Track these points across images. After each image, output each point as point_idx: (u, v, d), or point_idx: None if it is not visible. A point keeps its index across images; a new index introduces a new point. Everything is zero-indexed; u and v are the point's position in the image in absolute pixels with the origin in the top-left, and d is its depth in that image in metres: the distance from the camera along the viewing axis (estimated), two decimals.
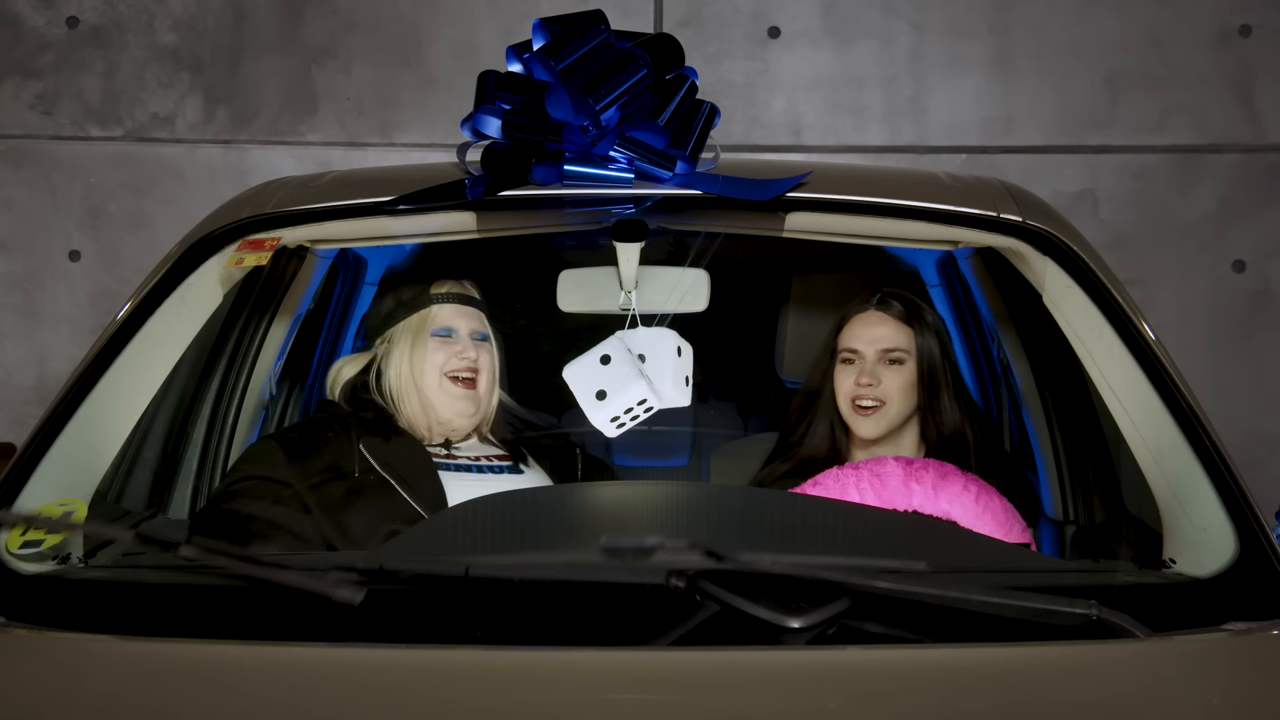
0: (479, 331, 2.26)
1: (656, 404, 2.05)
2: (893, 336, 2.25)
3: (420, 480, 2.06)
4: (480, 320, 2.27)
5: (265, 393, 2.58)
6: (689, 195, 2.12)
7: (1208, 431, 1.75)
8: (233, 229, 2.14)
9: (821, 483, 2.07)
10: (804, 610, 1.38)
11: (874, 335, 2.26)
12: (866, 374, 2.24)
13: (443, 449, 2.19)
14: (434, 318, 2.23)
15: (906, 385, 2.24)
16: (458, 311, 2.24)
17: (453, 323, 2.23)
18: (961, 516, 1.98)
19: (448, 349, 2.21)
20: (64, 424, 1.83)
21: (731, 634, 1.40)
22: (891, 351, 2.24)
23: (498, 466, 2.19)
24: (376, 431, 2.14)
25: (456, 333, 2.23)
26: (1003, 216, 2.12)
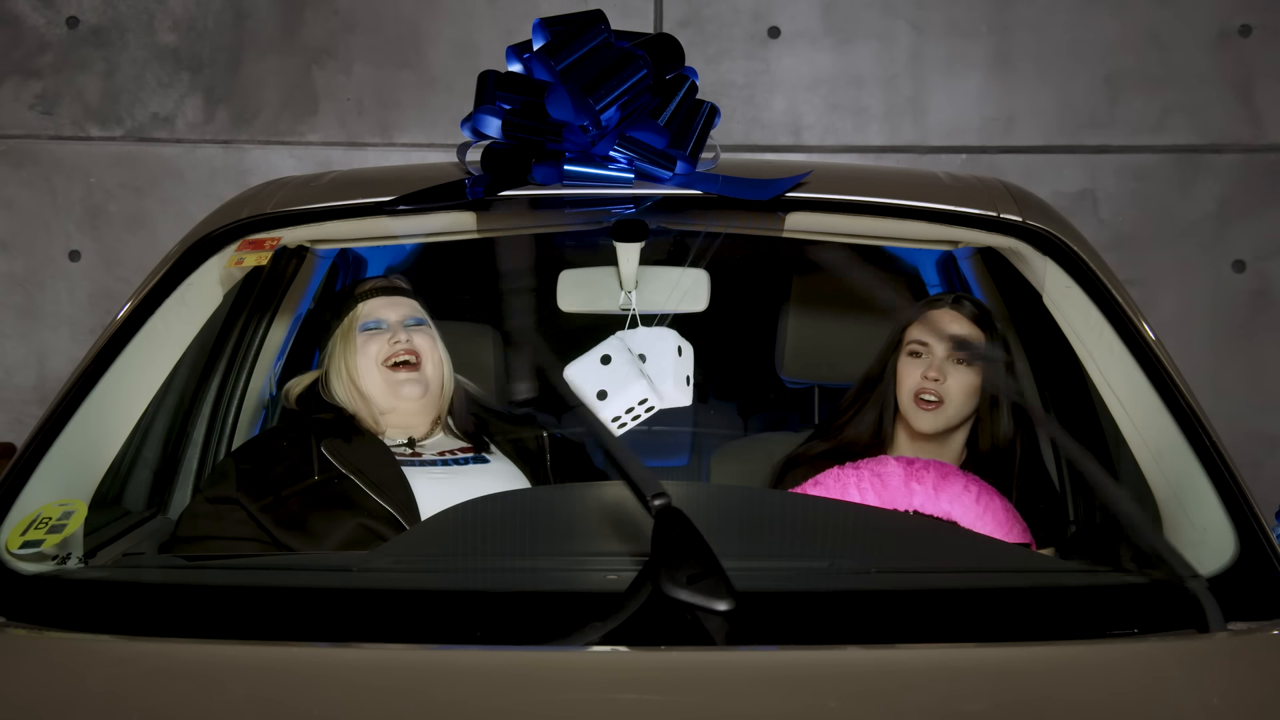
0: (411, 317, 2.24)
1: (657, 404, 2.05)
2: (966, 334, 2.24)
3: (386, 479, 2.04)
4: (412, 307, 2.26)
5: (265, 393, 2.58)
6: (689, 195, 2.12)
7: (1208, 431, 1.75)
8: (233, 229, 2.14)
9: (822, 482, 2.07)
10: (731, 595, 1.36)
11: (949, 330, 2.24)
12: (934, 368, 2.22)
13: (407, 448, 2.18)
14: (360, 314, 2.22)
15: (971, 387, 2.23)
16: (384, 303, 2.24)
17: (380, 314, 2.22)
18: (962, 517, 1.98)
19: (379, 339, 2.20)
20: (64, 424, 1.83)
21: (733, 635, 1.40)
22: (963, 350, 2.22)
23: (462, 459, 2.18)
24: (338, 434, 2.12)
25: (385, 322, 2.22)
26: (1003, 216, 2.12)
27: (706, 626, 1.38)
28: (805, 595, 1.53)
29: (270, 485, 2.02)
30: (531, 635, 1.45)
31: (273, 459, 2.07)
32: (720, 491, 2.12)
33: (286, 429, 2.18)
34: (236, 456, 2.12)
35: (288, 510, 1.98)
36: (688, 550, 1.37)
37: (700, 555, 1.36)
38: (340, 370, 2.21)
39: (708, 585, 1.34)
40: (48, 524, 1.69)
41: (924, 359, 2.24)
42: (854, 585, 1.55)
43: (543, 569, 1.59)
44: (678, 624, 1.40)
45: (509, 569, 1.59)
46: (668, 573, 1.35)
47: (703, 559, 1.36)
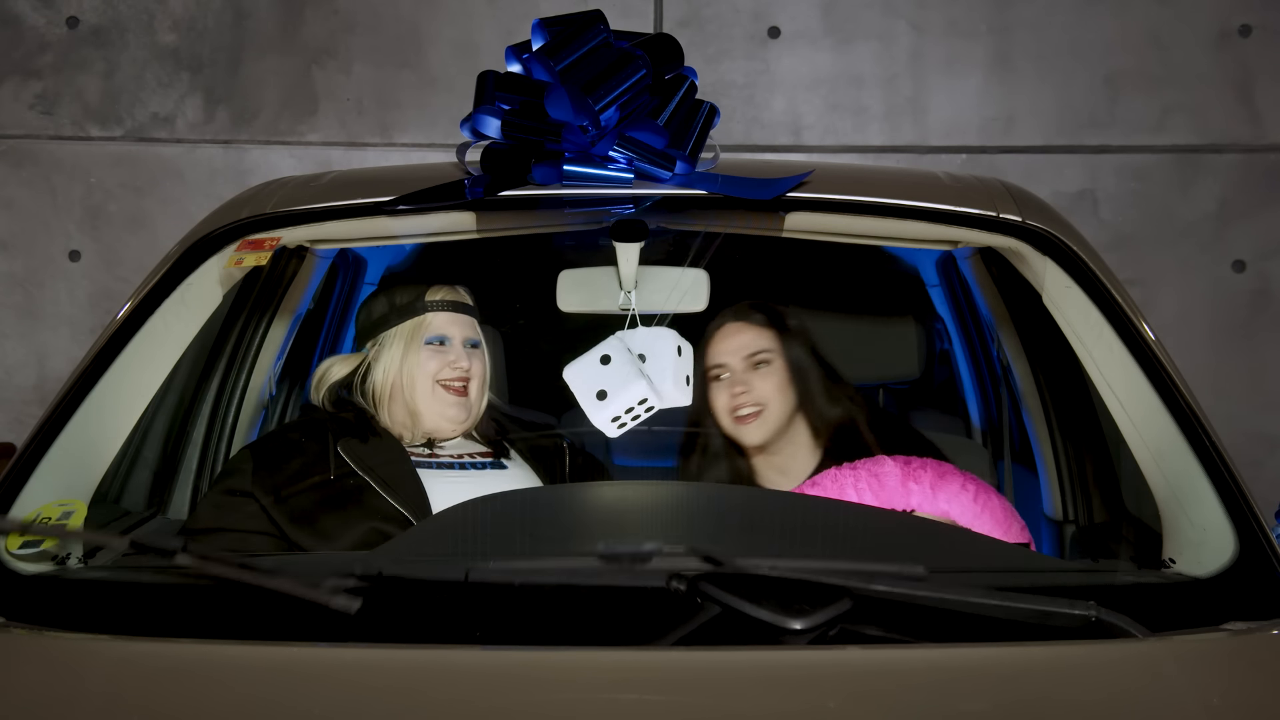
0: (472, 339, 2.25)
1: (657, 403, 2.05)
2: (755, 341, 2.26)
3: (401, 480, 2.04)
4: (473, 328, 2.26)
5: (265, 393, 2.58)
6: (689, 195, 2.12)
7: (1208, 431, 1.75)
8: (233, 229, 2.14)
9: (819, 483, 2.07)
10: (806, 612, 1.39)
11: (736, 344, 2.26)
12: (738, 382, 2.24)
13: (424, 448, 2.17)
14: (428, 325, 2.21)
15: (779, 384, 2.25)
16: (452, 320, 2.23)
17: (447, 330, 2.22)
18: (960, 516, 1.98)
19: (441, 358, 2.19)
20: (64, 424, 1.83)
21: (733, 635, 1.40)
22: (756, 355, 2.25)
23: (480, 463, 2.18)
24: (355, 433, 2.12)
25: (450, 341, 2.21)
26: (1002, 216, 2.12)
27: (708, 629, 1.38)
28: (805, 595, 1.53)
29: (285, 481, 2.02)
30: (532, 635, 1.45)
31: (289, 454, 2.07)
32: (720, 491, 2.11)
33: (304, 424, 2.17)
34: (253, 450, 2.11)
35: (301, 507, 1.98)
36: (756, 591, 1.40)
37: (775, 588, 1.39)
38: (392, 372, 2.18)
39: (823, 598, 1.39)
40: (48, 524, 1.69)
41: (725, 379, 2.26)
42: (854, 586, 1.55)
43: (544, 569, 1.59)
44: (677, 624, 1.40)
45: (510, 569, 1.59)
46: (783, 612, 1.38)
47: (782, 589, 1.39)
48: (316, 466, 2.04)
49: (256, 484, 2.00)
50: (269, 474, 2.02)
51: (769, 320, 2.28)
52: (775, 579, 1.42)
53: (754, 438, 2.24)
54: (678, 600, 1.42)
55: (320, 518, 1.97)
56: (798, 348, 2.28)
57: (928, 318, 2.93)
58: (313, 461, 2.05)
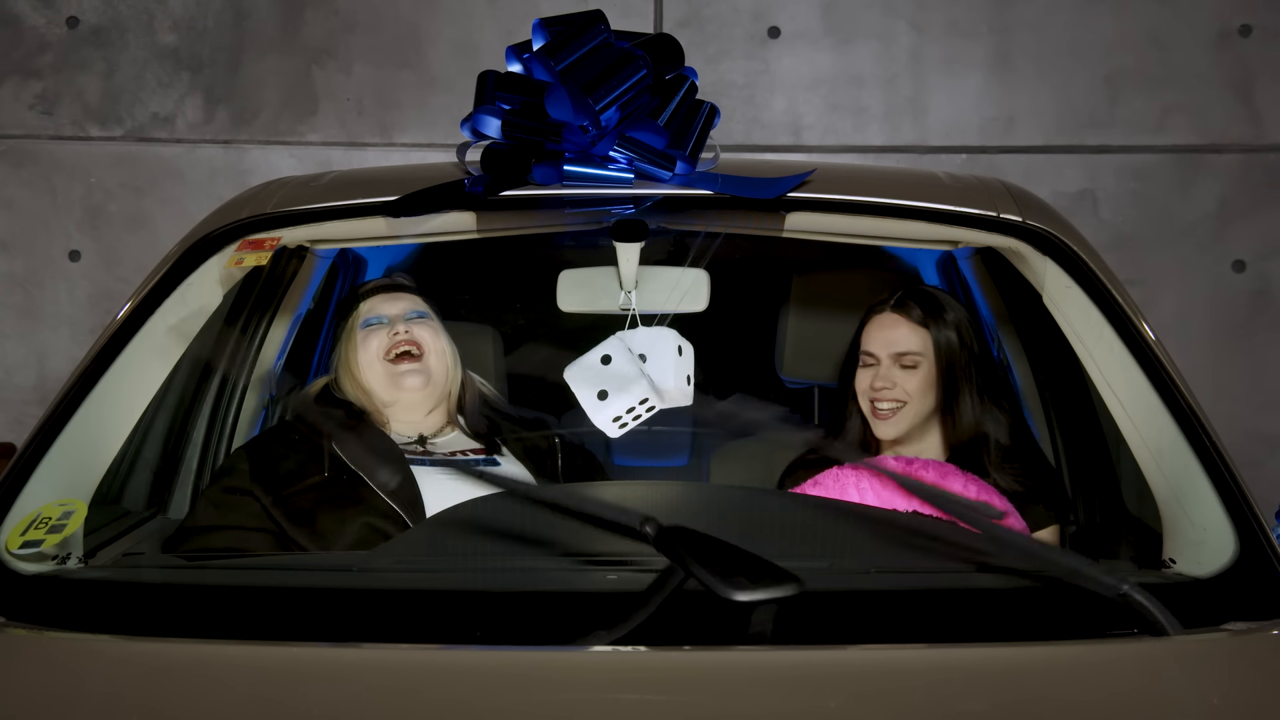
0: (413, 311, 2.26)
1: (658, 403, 2.05)
2: (906, 339, 2.23)
3: (392, 475, 2.04)
4: (414, 302, 2.28)
5: (265, 393, 2.58)
6: (689, 195, 2.12)
7: (1208, 431, 1.75)
8: (233, 229, 2.14)
9: (821, 482, 2.07)
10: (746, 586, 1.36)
11: (888, 338, 2.24)
12: (881, 377, 2.23)
13: (417, 445, 2.18)
14: (361, 312, 2.25)
15: (922, 386, 2.22)
16: (384, 299, 2.26)
17: (380, 310, 2.25)
18: None
19: (379, 334, 2.22)
20: (64, 424, 1.83)
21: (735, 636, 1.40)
22: (905, 355, 2.23)
23: (473, 460, 2.18)
24: (347, 430, 2.13)
25: (385, 317, 2.24)
26: (1003, 216, 2.12)
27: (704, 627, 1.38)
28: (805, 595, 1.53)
29: (282, 480, 2.02)
30: (531, 635, 1.45)
31: (284, 453, 2.08)
32: (720, 491, 2.11)
33: (298, 423, 2.19)
34: (248, 449, 2.13)
35: (298, 505, 1.98)
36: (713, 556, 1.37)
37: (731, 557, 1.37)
38: (346, 368, 2.23)
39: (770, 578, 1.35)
40: (48, 524, 1.69)
41: (871, 369, 2.25)
42: (854, 585, 1.55)
43: (543, 569, 1.59)
44: (677, 624, 1.40)
45: (509, 569, 1.59)
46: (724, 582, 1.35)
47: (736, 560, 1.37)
48: (311, 464, 2.05)
49: (255, 482, 2.01)
50: (266, 472, 2.02)
51: (924, 317, 2.24)
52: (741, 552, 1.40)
53: (887, 433, 2.24)
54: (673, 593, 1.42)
55: (317, 515, 1.97)
56: (949, 352, 2.24)
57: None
58: (307, 459, 2.06)
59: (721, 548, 1.40)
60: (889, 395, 2.22)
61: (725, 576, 1.36)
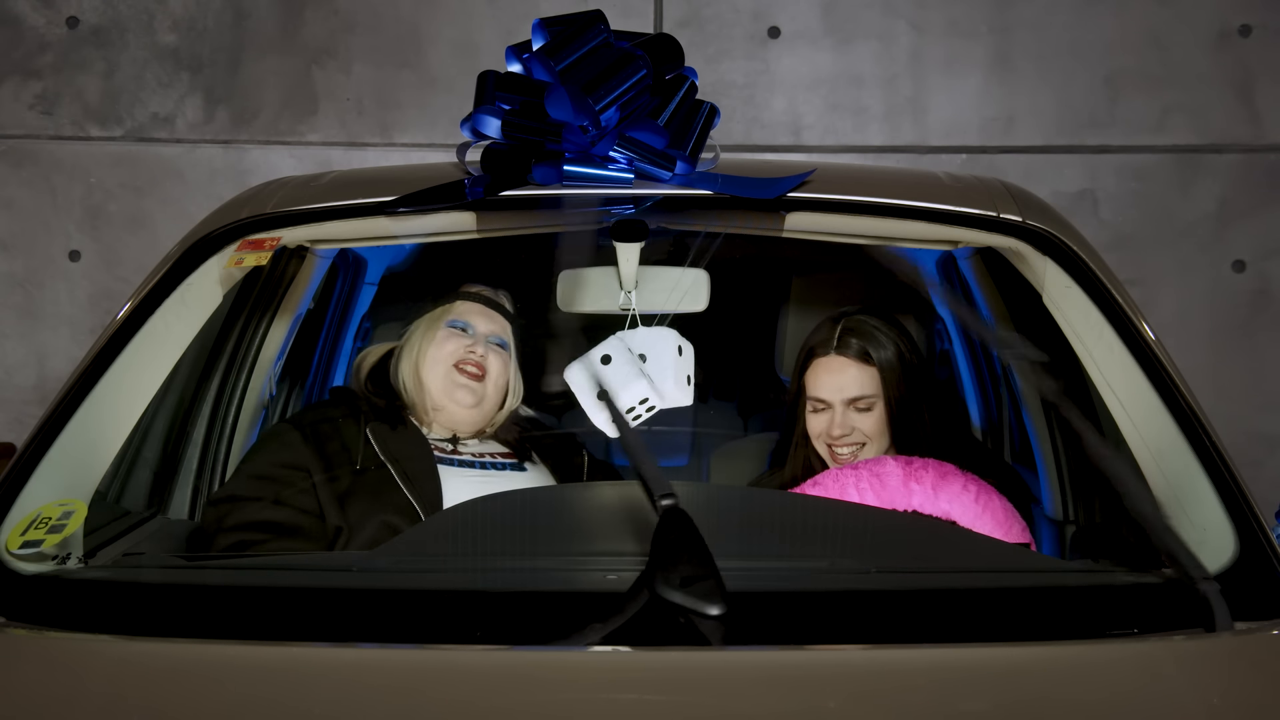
0: (496, 336, 2.26)
1: (658, 403, 2.05)
2: (856, 383, 2.21)
3: (419, 474, 2.06)
4: (502, 327, 2.28)
5: (265, 393, 2.58)
6: (689, 195, 2.12)
7: (1208, 431, 1.75)
8: (233, 229, 2.15)
9: (821, 483, 2.07)
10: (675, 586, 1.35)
11: (838, 384, 2.21)
12: (839, 425, 2.21)
13: (448, 444, 2.19)
14: (454, 310, 2.25)
15: (880, 423, 2.22)
16: (479, 310, 2.27)
17: (471, 319, 2.25)
18: (961, 516, 1.98)
19: (458, 341, 2.22)
20: (64, 424, 1.83)
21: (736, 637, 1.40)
22: (858, 400, 2.21)
23: (500, 464, 2.19)
24: (385, 419, 2.15)
25: (473, 329, 2.25)
26: (1003, 216, 2.12)
27: (705, 627, 1.38)
28: (805, 595, 1.53)
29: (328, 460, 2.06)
30: (531, 635, 1.45)
31: (330, 434, 2.11)
32: (720, 491, 2.12)
33: (340, 404, 2.21)
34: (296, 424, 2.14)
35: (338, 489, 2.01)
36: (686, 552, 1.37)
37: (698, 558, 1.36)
38: (412, 353, 2.23)
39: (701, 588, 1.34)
40: (48, 524, 1.69)
41: (825, 414, 2.23)
42: (854, 585, 1.55)
43: (543, 569, 1.59)
44: (677, 624, 1.40)
45: (509, 569, 1.59)
46: (663, 574, 1.35)
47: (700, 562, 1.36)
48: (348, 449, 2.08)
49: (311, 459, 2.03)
50: (316, 450, 2.04)
51: (867, 352, 2.22)
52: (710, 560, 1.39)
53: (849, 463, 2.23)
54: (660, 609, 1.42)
55: (347, 503, 2.00)
56: (900, 389, 2.22)
57: (928, 318, 2.93)
58: (348, 443, 2.09)
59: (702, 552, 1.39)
60: (849, 441, 2.21)
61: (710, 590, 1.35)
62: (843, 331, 2.24)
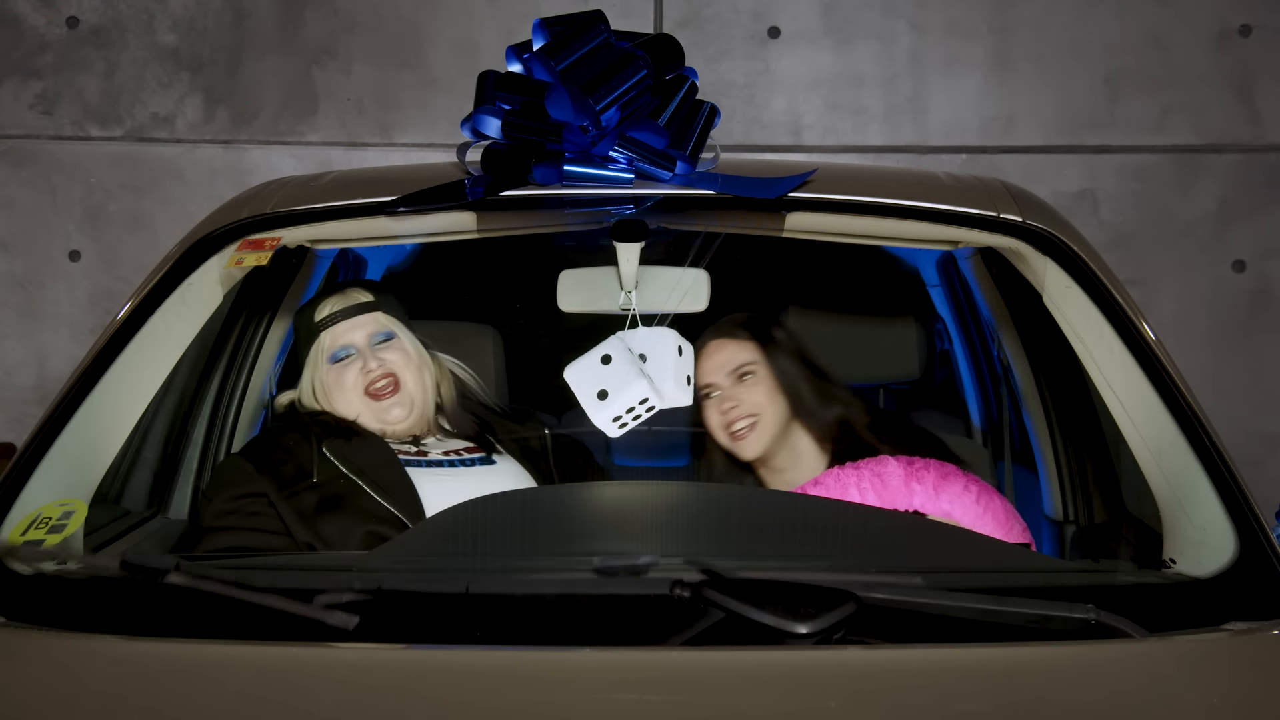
0: (379, 334, 2.20)
1: (658, 403, 2.05)
2: (736, 354, 2.24)
3: (392, 481, 2.03)
4: (375, 321, 2.20)
5: (265, 393, 2.58)
6: (689, 195, 2.12)
7: (1208, 431, 1.75)
8: (233, 229, 2.14)
9: (822, 483, 2.07)
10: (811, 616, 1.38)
11: (719, 361, 2.25)
12: (726, 399, 2.23)
13: (411, 446, 2.16)
14: (325, 345, 2.18)
15: (767, 392, 2.23)
16: (349, 327, 2.18)
17: (346, 340, 2.18)
18: (962, 517, 1.98)
19: (352, 368, 2.16)
20: (64, 424, 1.83)
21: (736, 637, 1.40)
22: (740, 369, 2.23)
23: (469, 460, 2.17)
24: (340, 434, 2.10)
25: (354, 349, 2.18)
26: (1003, 216, 2.13)
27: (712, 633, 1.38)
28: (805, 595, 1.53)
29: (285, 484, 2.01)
30: (532, 635, 1.45)
31: (283, 458, 2.06)
32: (722, 492, 2.11)
33: (290, 427, 2.15)
34: (246, 454, 2.10)
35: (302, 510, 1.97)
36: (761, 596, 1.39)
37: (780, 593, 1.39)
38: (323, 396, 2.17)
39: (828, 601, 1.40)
40: (48, 524, 1.69)
41: (715, 397, 2.25)
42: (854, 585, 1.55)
43: (543, 569, 1.59)
44: (677, 625, 1.40)
45: (509, 569, 1.59)
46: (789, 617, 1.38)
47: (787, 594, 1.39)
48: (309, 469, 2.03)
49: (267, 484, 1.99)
50: (270, 476, 2.01)
51: (749, 332, 2.27)
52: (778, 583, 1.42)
53: (752, 451, 2.23)
54: (682, 607, 1.42)
55: (320, 521, 1.96)
56: (781, 355, 2.26)
57: (928, 318, 2.93)
58: (305, 464, 2.04)
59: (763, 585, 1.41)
60: (738, 413, 2.22)
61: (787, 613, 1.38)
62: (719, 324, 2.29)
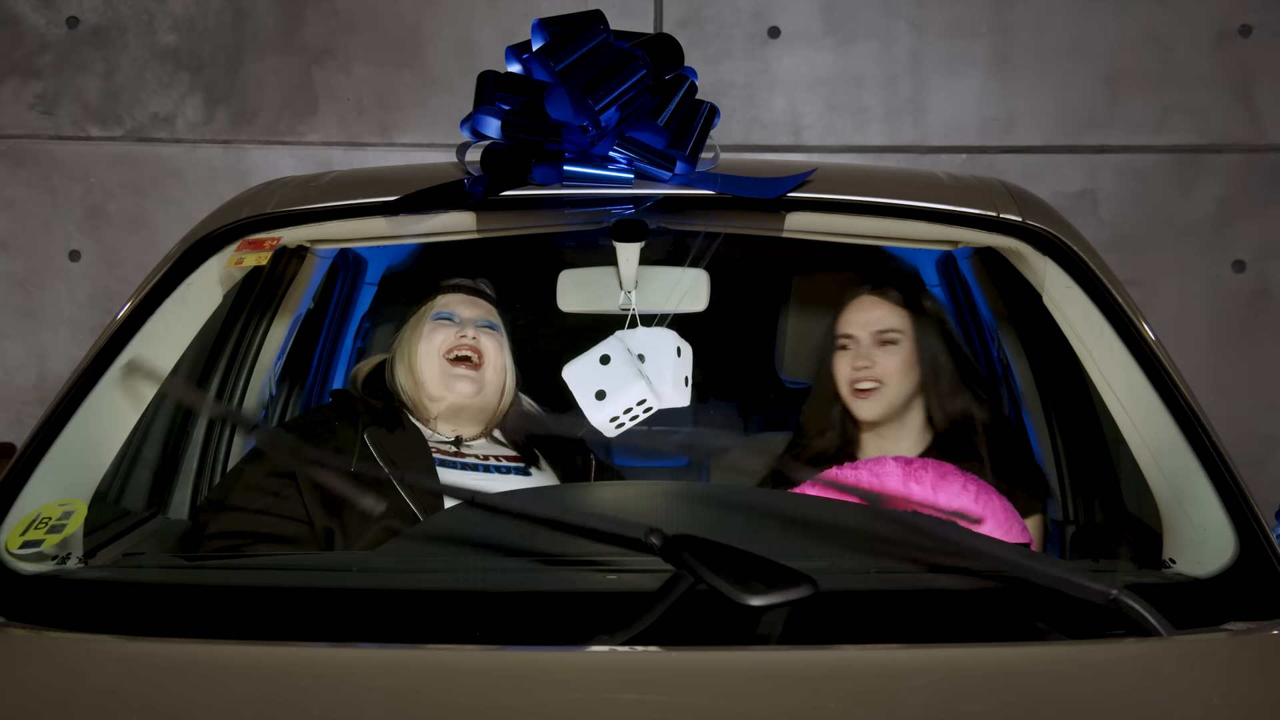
0: (484, 319, 2.25)
1: (656, 404, 2.05)
2: (886, 318, 2.25)
3: (420, 478, 2.04)
4: (489, 311, 2.27)
5: (265, 393, 2.58)
6: (689, 195, 2.12)
7: (1208, 431, 1.75)
8: (233, 229, 2.14)
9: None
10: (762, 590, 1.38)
11: (867, 319, 2.26)
12: (862, 356, 2.24)
13: (452, 446, 2.17)
14: (436, 304, 2.24)
15: (903, 364, 2.24)
16: (463, 299, 2.26)
17: (455, 308, 2.24)
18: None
19: (446, 330, 2.21)
20: (64, 424, 1.83)
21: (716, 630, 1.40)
22: (885, 333, 2.24)
23: (505, 467, 2.18)
24: (384, 422, 2.13)
25: (458, 316, 2.23)
26: (1003, 216, 2.13)
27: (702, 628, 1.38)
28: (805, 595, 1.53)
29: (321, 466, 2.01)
30: (531, 635, 1.45)
31: (324, 438, 2.09)
32: (720, 491, 2.11)
33: (337, 407, 2.20)
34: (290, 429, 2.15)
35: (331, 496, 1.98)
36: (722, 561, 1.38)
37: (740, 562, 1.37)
38: (404, 354, 2.22)
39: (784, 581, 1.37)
40: (48, 524, 1.69)
41: (851, 350, 2.26)
42: (854, 585, 1.55)
43: (543, 569, 1.59)
44: (677, 625, 1.40)
45: (509, 569, 1.59)
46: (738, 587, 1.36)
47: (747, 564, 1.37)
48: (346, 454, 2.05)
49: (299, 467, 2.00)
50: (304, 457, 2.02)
51: (904, 299, 2.27)
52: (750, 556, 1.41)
53: (868, 413, 2.24)
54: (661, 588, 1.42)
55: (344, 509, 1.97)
56: (929, 332, 2.26)
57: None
58: (344, 449, 2.07)
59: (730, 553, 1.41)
60: (868, 374, 2.23)
61: (739, 582, 1.37)
62: (879, 282, 2.29)
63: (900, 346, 2.24)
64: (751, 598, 1.37)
